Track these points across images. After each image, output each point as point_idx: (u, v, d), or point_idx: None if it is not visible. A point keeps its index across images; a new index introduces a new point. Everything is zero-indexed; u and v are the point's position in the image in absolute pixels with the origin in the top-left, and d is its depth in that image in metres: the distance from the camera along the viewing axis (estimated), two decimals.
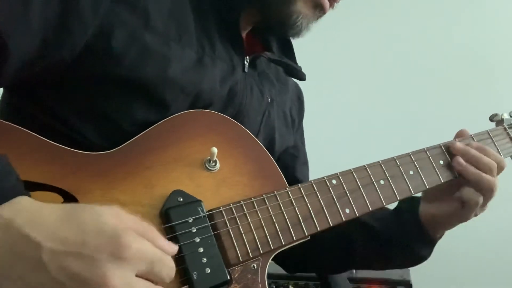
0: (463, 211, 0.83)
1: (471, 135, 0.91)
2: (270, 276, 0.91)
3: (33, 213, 0.46)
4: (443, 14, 2.25)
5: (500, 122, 1.02)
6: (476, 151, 0.84)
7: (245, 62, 0.82)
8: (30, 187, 0.56)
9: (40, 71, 0.63)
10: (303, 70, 0.92)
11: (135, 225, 0.49)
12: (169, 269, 0.51)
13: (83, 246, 0.45)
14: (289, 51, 0.92)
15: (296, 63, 0.91)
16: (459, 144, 0.85)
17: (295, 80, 0.99)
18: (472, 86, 2.19)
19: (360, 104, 2.24)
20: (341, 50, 2.26)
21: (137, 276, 0.47)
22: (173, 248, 0.53)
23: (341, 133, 2.20)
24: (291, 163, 0.97)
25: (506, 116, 1.05)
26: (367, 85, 2.25)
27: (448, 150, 0.86)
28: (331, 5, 0.81)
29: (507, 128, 1.00)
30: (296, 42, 0.89)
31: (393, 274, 1.65)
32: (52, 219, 0.46)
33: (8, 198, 0.46)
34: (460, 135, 0.91)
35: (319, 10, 0.80)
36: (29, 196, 0.50)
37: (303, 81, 0.93)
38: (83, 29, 0.62)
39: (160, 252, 0.50)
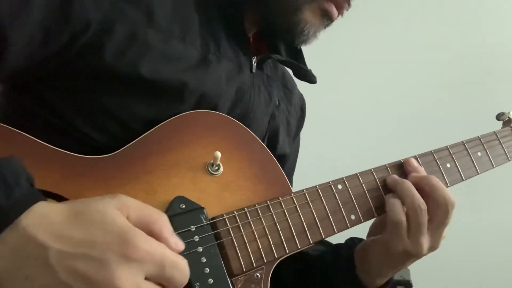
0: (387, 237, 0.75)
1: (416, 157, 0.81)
2: None
3: (39, 214, 0.45)
4: (446, 16, 2.20)
5: (507, 122, 1.00)
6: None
7: (253, 63, 0.79)
8: None
9: (40, 63, 0.61)
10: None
11: (141, 213, 0.48)
12: (181, 274, 0.49)
13: (91, 247, 0.44)
14: (298, 55, 0.88)
15: (306, 66, 0.87)
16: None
17: (300, 90, 0.96)
18: (476, 86, 2.15)
19: (364, 107, 2.18)
20: (346, 52, 2.18)
21: (147, 278, 0.46)
22: (178, 244, 0.50)
23: (345, 136, 2.15)
24: None
25: None
26: (372, 89, 2.19)
27: None
28: (340, 13, 0.78)
29: None
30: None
31: None
32: (59, 219, 0.45)
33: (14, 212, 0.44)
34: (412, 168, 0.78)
35: (327, 18, 0.77)
36: (43, 199, 0.48)
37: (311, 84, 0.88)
38: (84, 21, 0.60)
39: (174, 256, 0.48)
